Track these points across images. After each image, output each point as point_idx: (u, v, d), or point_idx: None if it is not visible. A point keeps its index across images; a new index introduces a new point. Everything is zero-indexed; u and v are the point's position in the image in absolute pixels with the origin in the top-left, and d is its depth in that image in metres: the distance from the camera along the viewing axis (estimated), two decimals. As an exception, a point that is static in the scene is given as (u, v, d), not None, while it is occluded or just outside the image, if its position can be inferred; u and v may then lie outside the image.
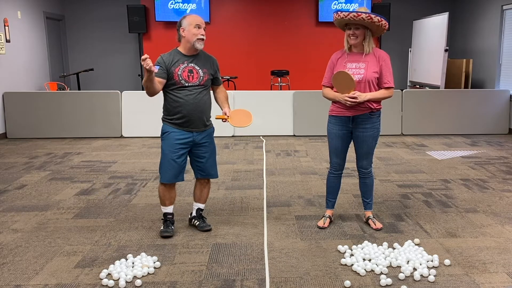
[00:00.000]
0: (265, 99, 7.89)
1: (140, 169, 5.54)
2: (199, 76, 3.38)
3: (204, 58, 3.47)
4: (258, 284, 2.79)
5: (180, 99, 3.35)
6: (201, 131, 3.46)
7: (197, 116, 3.39)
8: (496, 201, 4.30)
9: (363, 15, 3.24)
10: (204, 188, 3.66)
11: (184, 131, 3.40)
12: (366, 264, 2.98)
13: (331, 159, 3.64)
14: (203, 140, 3.48)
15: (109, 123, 7.74)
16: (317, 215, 3.93)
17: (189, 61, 3.37)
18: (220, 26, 10.18)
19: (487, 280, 2.82)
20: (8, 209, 4.16)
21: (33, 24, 8.86)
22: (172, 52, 3.40)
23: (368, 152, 3.55)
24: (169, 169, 3.41)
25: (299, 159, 6.10)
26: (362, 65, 3.39)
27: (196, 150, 3.49)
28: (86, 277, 2.89)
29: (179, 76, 3.33)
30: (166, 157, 3.41)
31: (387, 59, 3.42)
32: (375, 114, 3.48)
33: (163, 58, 3.35)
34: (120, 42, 10.37)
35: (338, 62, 3.48)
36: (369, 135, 3.49)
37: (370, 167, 3.62)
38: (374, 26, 3.31)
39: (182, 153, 3.42)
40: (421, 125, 7.84)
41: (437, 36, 8.51)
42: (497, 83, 8.45)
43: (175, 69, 3.33)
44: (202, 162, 3.52)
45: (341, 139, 3.54)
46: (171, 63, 3.33)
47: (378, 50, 3.45)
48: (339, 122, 3.51)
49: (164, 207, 3.56)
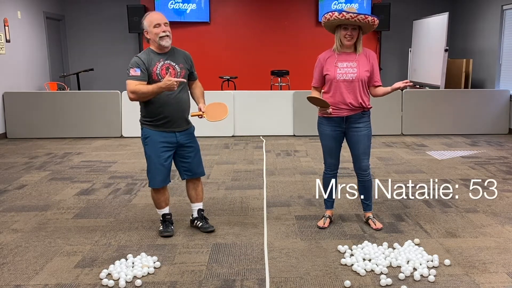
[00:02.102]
0: (265, 99, 7.89)
1: (140, 169, 5.54)
2: (176, 72, 3.33)
3: (178, 54, 3.41)
4: (258, 284, 2.79)
5: (161, 99, 3.28)
6: (184, 130, 3.41)
7: (179, 115, 3.36)
8: (496, 201, 4.30)
9: (361, 16, 3.25)
10: (197, 187, 3.62)
11: (166, 133, 3.35)
12: (366, 264, 2.98)
13: (325, 160, 3.65)
14: (186, 141, 3.44)
15: (109, 123, 7.74)
16: (317, 215, 3.93)
17: (164, 59, 3.32)
18: (220, 26, 10.18)
19: (487, 280, 2.82)
20: (8, 209, 4.16)
21: (33, 24, 8.86)
22: (147, 52, 3.33)
23: (365, 152, 3.55)
24: (158, 174, 3.37)
25: (299, 159, 6.10)
26: (353, 64, 3.40)
27: (180, 151, 3.45)
28: (86, 277, 2.89)
29: (157, 75, 3.27)
30: (153, 162, 3.36)
31: (376, 58, 3.50)
32: (367, 113, 3.52)
33: (141, 58, 3.27)
34: (120, 42, 10.37)
35: (327, 62, 3.46)
36: (364, 134, 3.50)
37: (369, 169, 3.61)
38: (367, 26, 3.33)
39: (168, 155, 3.38)
40: (421, 125, 7.84)
41: (437, 36, 8.51)
42: (497, 83, 8.44)
43: (153, 68, 3.28)
44: (188, 162, 3.48)
45: (335, 139, 3.55)
46: (149, 63, 3.27)
47: (365, 49, 3.49)
48: (332, 122, 3.51)
49: (160, 210, 3.55)
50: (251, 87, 9.78)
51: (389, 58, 10.53)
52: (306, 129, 7.80)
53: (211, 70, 9.49)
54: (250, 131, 7.84)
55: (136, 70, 3.24)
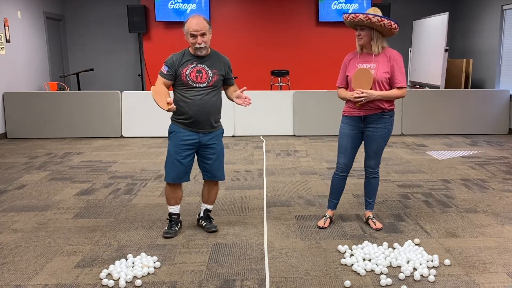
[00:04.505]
0: (265, 99, 7.89)
1: (140, 169, 5.54)
2: (208, 77, 3.35)
3: (216, 59, 3.43)
4: (258, 284, 2.79)
5: (187, 99, 3.33)
6: (208, 132, 3.42)
7: (204, 117, 3.36)
8: (496, 201, 4.30)
9: (360, 16, 3.26)
10: (212, 190, 3.63)
11: (190, 132, 3.37)
12: (366, 264, 2.98)
13: (338, 159, 3.64)
14: (210, 142, 3.44)
15: (109, 123, 7.74)
16: (317, 215, 3.93)
17: (198, 62, 3.34)
18: (220, 26, 10.17)
19: (487, 280, 2.82)
20: (8, 209, 4.16)
21: (33, 24, 8.86)
22: (183, 52, 3.38)
23: (377, 152, 3.56)
24: (173, 169, 3.40)
25: (299, 159, 6.10)
26: (372, 65, 3.40)
27: (202, 151, 3.46)
28: (86, 277, 2.89)
29: (186, 77, 3.31)
30: (171, 157, 3.41)
31: (398, 59, 3.42)
32: (387, 114, 3.47)
33: (173, 58, 3.35)
34: (120, 42, 10.37)
35: (350, 63, 3.51)
36: (380, 134, 3.49)
37: (378, 168, 3.63)
38: (378, 27, 3.32)
39: (187, 153, 3.39)
40: (421, 125, 7.84)
41: (437, 36, 8.51)
42: (497, 83, 8.45)
43: (183, 69, 3.31)
44: (208, 164, 3.49)
45: (351, 138, 3.54)
46: (180, 63, 3.32)
47: (390, 50, 3.46)
48: (350, 122, 3.52)
49: (169, 206, 3.56)
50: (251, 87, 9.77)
51: (389, 58, 10.52)
52: (306, 129, 7.80)
53: (211, 70, 9.48)
54: (250, 131, 7.84)
55: (165, 68, 3.35)
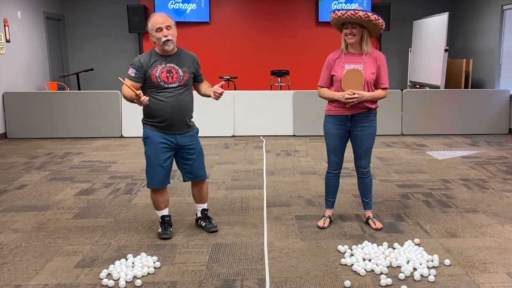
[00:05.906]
0: (265, 99, 7.89)
1: (140, 169, 5.54)
2: (179, 76, 3.27)
3: (184, 56, 3.34)
4: (258, 284, 2.79)
5: (160, 102, 3.24)
6: (184, 133, 3.37)
7: (179, 118, 3.29)
8: (496, 201, 4.30)
9: (360, 13, 3.25)
10: (201, 189, 3.61)
11: (166, 134, 3.30)
12: (366, 264, 2.98)
13: (329, 158, 3.64)
14: (187, 143, 3.39)
15: (109, 123, 7.74)
16: (317, 215, 3.93)
17: (167, 61, 3.25)
18: (220, 26, 10.18)
19: (487, 280, 2.82)
20: (8, 209, 4.16)
21: (33, 24, 8.86)
22: (150, 52, 3.26)
23: (367, 151, 3.57)
24: (156, 174, 3.34)
25: (299, 159, 6.10)
26: (359, 66, 3.39)
27: (182, 152, 3.41)
28: (86, 277, 2.89)
29: (157, 78, 3.21)
30: (152, 162, 3.33)
31: (383, 60, 3.45)
32: (372, 113, 3.52)
33: (141, 59, 3.22)
34: (120, 42, 10.37)
35: (335, 63, 3.47)
36: (368, 133, 3.51)
37: (369, 167, 3.63)
38: (371, 25, 3.32)
39: (167, 156, 3.34)
40: (421, 125, 7.84)
41: (437, 36, 8.51)
42: (497, 83, 8.45)
43: (153, 70, 3.21)
44: (189, 165, 3.44)
45: (339, 138, 3.55)
46: (149, 65, 3.22)
47: (375, 51, 3.47)
48: (336, 121, 3.52)
49: (159, 211, 3.52)
50: (251, 87, 9.79)
51: (389, 58, 10.45)
52: (306, 129, 7.80)
53: (211, 70, 9.49)
54: (250, 131, 7.84)
55: (132, 70, 3.22)
